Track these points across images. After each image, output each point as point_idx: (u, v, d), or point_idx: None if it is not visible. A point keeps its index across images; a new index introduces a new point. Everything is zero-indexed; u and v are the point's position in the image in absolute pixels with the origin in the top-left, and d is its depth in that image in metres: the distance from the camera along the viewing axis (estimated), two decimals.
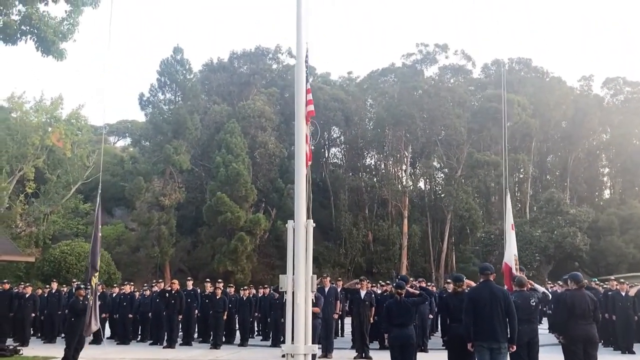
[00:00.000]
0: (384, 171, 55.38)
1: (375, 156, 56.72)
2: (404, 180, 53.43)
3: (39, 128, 39.47)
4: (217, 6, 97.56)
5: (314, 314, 8.45)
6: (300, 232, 7.21)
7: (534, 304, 8.33)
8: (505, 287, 9.03)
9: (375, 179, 53.88)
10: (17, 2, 9.55)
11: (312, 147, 8.02)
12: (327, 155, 55.56)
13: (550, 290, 12.88)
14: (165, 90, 43.02)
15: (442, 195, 51.59)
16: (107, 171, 46.17)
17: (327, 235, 47.44)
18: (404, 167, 54.63)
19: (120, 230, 44.22)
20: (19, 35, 9.74)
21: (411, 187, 53.61)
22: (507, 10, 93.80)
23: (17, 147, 38.76)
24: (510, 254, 9.82)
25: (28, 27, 9.71)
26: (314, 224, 7.44)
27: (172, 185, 41.27)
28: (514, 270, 9.56)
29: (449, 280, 14.96)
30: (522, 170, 56.11)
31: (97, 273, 9.91)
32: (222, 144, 42.20)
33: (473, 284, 8.66)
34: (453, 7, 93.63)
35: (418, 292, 9.25)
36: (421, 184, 57.49)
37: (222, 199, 39.49)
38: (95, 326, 9.83)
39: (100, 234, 9.94)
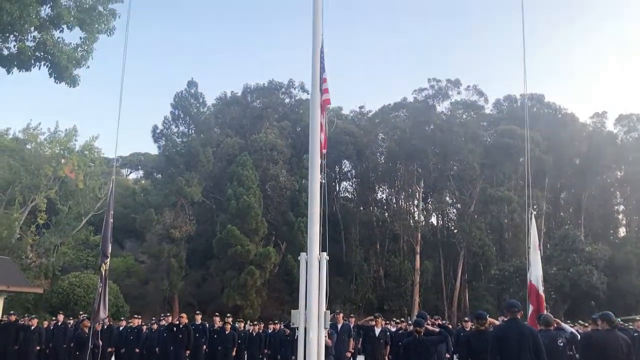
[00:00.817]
0: (395, 206, 54.98)
1: (387, 190, 56.42)
2: (416, 216, 52.93)
3: (53, 159, 39.75)
4: (232, 41, 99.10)
5: (326, 349, 8.07)
6: (314, 265, 6.91)
7: (561, 344, 7.88)
8: (531, 307, 8.63)
9: (386, 214, 53.45)
10: (32, 29, 9.54)
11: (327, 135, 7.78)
12: (338, 188, 55.34)
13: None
14: (179, 123, 43.30)
15: (455, 231, 51.03)
16: (118, 203, 46.09)
17: (337, 271, 46.77)
18: (415, 202, 54.20)
19: (130, 263, 43.95)
20: (33, 62, 9.71)
21: (423, 223, 53.06)
22: (518, 47, 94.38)
23: (31, 178, 38.97)
24: (537, 274, 9.43)
25: (42, 53, 9.69)
26: (328, 257, 7.16)
27: (182, 218, 41.11)
28: (540, 292, 9.16)
29: (466, 319, 14.44)
30: (535, 206, 55.44)
31: (108, 260, 9.80)
32: (233, 176, 42.15)
33: (496, 322, 8.26)
34: (465, 43, 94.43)
35: (437, 330, 8.84)
36: (433, 220, 56.95)
37: (233, 232, 39.21)
38: (103, 314, 9.74)
39: (111, 220, 9.81)
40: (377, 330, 13.89)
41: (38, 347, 17.58)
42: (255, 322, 19.46)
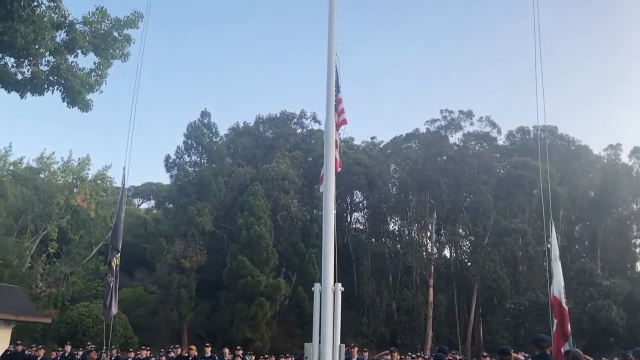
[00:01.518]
0: (407, 237, 54.35)
1: (399, 222, 55.88)
2: (428, 248, 52.26)
3: (65, 188, 39.95)
4: (245, 71, 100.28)
5: None
6: (328, 297, 6.69)
7: None
8: (555, 321, 8.25)
9: (399, 246, 52.82)
10: (47, 54, 9.52)
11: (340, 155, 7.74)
12: (349, 219, 54.96)
13: None
14: (191, 152, 43.50)
15: (469, 263, 50.27)
16: (129, 232, 46.03)
17: (349, 303, 46.00)
18: (428, 233, 53.59)
19: (140, 293, 43.60)
20: (46, 86, 9.67)
21: (436, 255, 52.35)
22: (530, 78, 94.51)
23: (43, 207, 39.11)
24: (559, 286, 9.06)
25: (55, 78, 9.65)
26: (342, 288, 6.95)
27: (193, 248, 40.87)
28: (563, 304, 8.78)
29: (485, 354, 13.95)
30: (549, 238, 54.56)
31: (118, 255, 9.66)
32: (244, 206, 41.99)
33: (521, 357, 7.87)
34: (477, 75, 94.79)
35: None
36: (446, 252, 56.21)
37: (243, 263, 38.86)
38: (114, 309, 9.64)
39: (123, 215, 9.70)
40: None
41: None
42: (267, 356, 18.97)
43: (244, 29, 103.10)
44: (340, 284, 6.83)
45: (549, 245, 9.61)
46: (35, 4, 8.67)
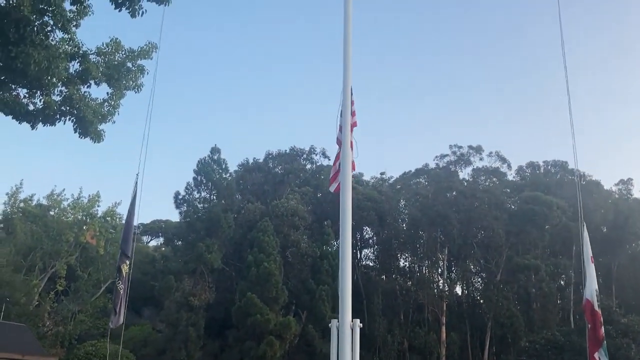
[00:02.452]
0: (419, 274, 53.59)
1: (410, 258, 55.20)
2: (440, 285, 51.46)
3: (75, 225, 39.97)
4: (255, 108, 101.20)
5: None
6: (346, 333, 6.48)
7: None
8: (589, 325, 7.88)
9: (410, 283, 52.05)
10: (59, 84, 9.52)
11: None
12: (359, 256, 54.38)
13: None
14: (201, 189, 43.57)
15: (481, 301, 49.37)
16: (137, 270, 45.67)
17: (359, 342, 45.13)
18: (439, 270, 52.85)
19: (147, 332, 42.99)
20: (58, 116, 9.65)
21: (448, 292, 51.51)
22: (538, 113, 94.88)
23: (52, 244, 39.07)
24: (592, 289, 8.69)
25: (68, 108, 9.64)
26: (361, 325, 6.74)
27: (202, 285, 40.44)
28: (595, 307, 8.42)
29: None
30: (563, 275, 53.74)
31: (129, 261, 9.32)
32: (254, 242, 41.70)
33: None
34: (486, 110, 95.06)
35: None
36: (458, 289, 55.30)
37: (252, 300, 38.32)
38: (122, 318, 9.31)
39: (135, 218, 9.42)
40: None
41: None
42: None
43: (254, 65, 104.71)
44: (358, 320, 6.64)
45: (583, 247, 9.29)
46: (49, 29, 8.70)
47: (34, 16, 8.50)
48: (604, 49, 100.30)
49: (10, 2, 8.75)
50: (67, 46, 10.20)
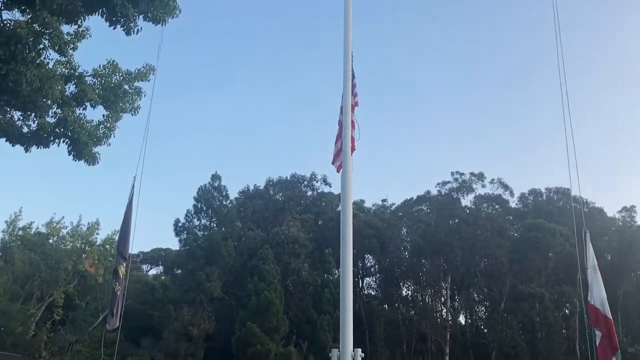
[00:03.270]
0: (421, 303, 52.87)
1: (412, 287, 54.54)
2: (443, 314, 50.69)
3: (73, 253, 39.58)
4: (256, 134, 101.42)
5: None
6: None
7: None
8: (599, 334, 7.52)
9: (412, 312, 51.32)
10: (54, 106, 9.37)
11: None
12: (361, 285, 53.73)
13: None
14: (201, 216, 43.32)
15: (485, 330, 48.55)
16: (136, 299, 45.14)
17: None
18: (442, 299, 52.13)
19: None
20: (52, 138, 9.46)
21: (451, 321, 50.70)
22: (539, 138, 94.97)
23: (50, 273, 38.63)
24: (601, 296, 8.28)
25: (62, 129, 9.46)
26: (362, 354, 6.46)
27: (201, 314, 39.82)
28: (608, 315, 8.05)
29: None
30: (568, 304, 52.95)
31: (125, 262, 8.93)
32: (254, 270, 41.20)
33: None
34: (488, 136, 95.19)
35: None
36: (461, 318, 54.47)
37: (252, 330, 37.66)
38: (118, 321, 8.91)
39: (132, 219, 8.98)
40: None
41: None
42: None
43: (256, 91, 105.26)
44: (360, 350, 6.38)
45: (585, 255, 8.95)
46: (41, 47, 8.57)
47: (31, 39, 8.41)
48: (606, 77, 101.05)
49: (6, 23, 8.66)
50: (63, 68, 10.09)
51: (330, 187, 52.55)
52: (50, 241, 42.28)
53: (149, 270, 68.46)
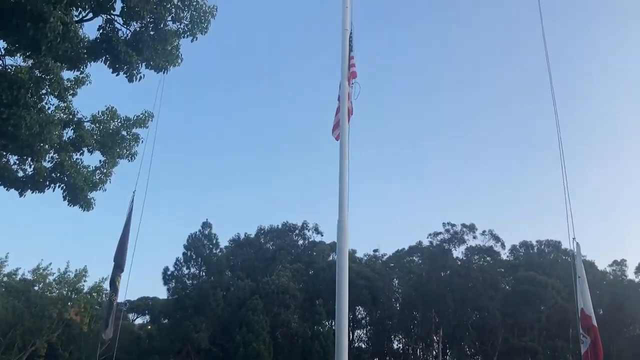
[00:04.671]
0: (413, 357, 51.91)
1: (404, 340, 53.63)
2: None
3: (59, 301, 38.69)
4: (247, 182, 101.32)
5: None
6: None
7: None
8: (588, 339, 7.54)
9: None
10: (51, 151, 9.37)
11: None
12: (352, 337, 52.72)
13: None
14: (191, 264, 42.85)
15: None
16: (121, 349, 43.93)
17: None
18: (434, 352, 51.21)
19: None
20: (47, 183, 9.40)
21: None
22: (530, 190, 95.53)
23: (34, 321, 37.64)
24: (588, 305, 8.31)
25: (58, 174, 9.42)
26: None
27: None
28: (594, 322, 8.12)
29: None
30: (560, 359, 52.19)
31: (122, 274, 8.69)
32: (243, 321, 40.46)
33: None
34: (479, 187, 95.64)
35: None
36: None
37: None
38: (111, 332, 8.89)
39: (130, 232, 8.74)
40: None
41: None
42: None
43: (249, 141, 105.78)
44: None
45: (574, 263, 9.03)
46: (43, 92, 8.62)
47: (32, 84, 8.48)
48: (598, 132, 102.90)
49: (8, 68, 8.74)
50: (62, 114, 10.14)
51: (322, 236, 52.35)
52: (36, 288, 41.38)
53: (135, 320, 66.91)
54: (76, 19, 8.07)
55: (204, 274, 42.52)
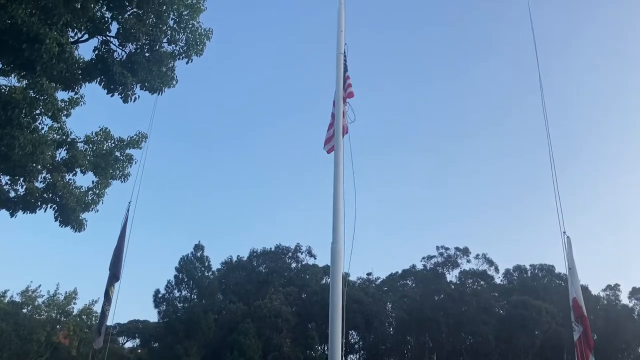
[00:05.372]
0: None
1: None
2: None
3: (48, 323, 38.09)
4: (241, 204, 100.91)
5: None
6: None
7: None
8: (580, 328, 7.72)
9: None
10: (44, 171, 9.28)
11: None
12: None
13: None
14: (182, 287, 42.40)
15: None
16: None
17: None
18: None
19: None
20: (39, 204, 9.30)
21: None
22: (525, 217, 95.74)
23: (21, 344, 36.96)
24: (579, 294, 8.35)
25: (50, 195, 9.32)
26: None
27: None
28: (584, 312, 8.10)
29: None
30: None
31: (117, 283, 8.59)
32: (234, 345, 39.96)
33: None
34: (473, 211, 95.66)
35: None
36: None
37: None
38: (102, 341, 8.85)
39: (126, 242, 8.61)
40: None
41: None
42: None
43: (243, 163, 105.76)
44: None
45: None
46: (37, 112, 8.58)
47: (27, 104, 8.43)
48: (591, 157, 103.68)
49: (2, 87, 8.70)
50: (55, 134, 10.09)
51: (315, 259, 52.09)
52: (25, 310, 40.76)
53: (125, 343, 65.93)
54: (72, 40, 8.07)
55: (195, 296, 42.06)
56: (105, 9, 7.97)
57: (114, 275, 9.01)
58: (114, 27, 8.13)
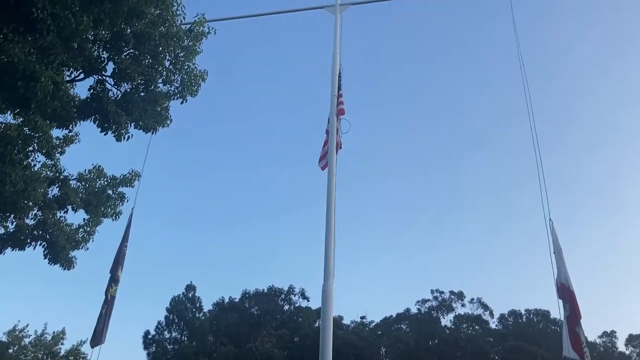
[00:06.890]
0: None
1: None
2: None
3: None
4: (232, 245, 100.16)
5: None
6: None
7: None
8: (567, 306, 8.28)
9: None
10: (35, 208, 9.27)
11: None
12: None
13: None
14: (172, 328, 41.72)
15: None
16: None
17: None
18: None
19: None
20: (29, 241, 9.25)
21: None
22: (519, 261, 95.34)
23: None
24: (566, 275, 8.61)
25: (41, 232, 9.29)
26: None
27: None
28: (571, 288, 8.62)
29: None
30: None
31: (116, 286, 8.41)
32: None
33: None
34: (468, 254, 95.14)
35: None
36: None
37: None
38: (104, 340, 8.79)
39: (126, 246, 8.49)
40: None
41: None
42: None
43: (236, 203, 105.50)
44: None
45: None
46: (30, 149, 8.63)
47: (20, 141, 8.49)
48: (583, 192, 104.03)
49: None
50: (48, 171, 10.12)
51: (309, 301, 51.40)
52: (11, 351, 39.88)
53: None
54: (68, 78, 8.19)
55: (186, 338, 41.35)
56: (102, 49, 8.12)
57: (113, 278, 9.04)
58: (110, 66, 8.29)
